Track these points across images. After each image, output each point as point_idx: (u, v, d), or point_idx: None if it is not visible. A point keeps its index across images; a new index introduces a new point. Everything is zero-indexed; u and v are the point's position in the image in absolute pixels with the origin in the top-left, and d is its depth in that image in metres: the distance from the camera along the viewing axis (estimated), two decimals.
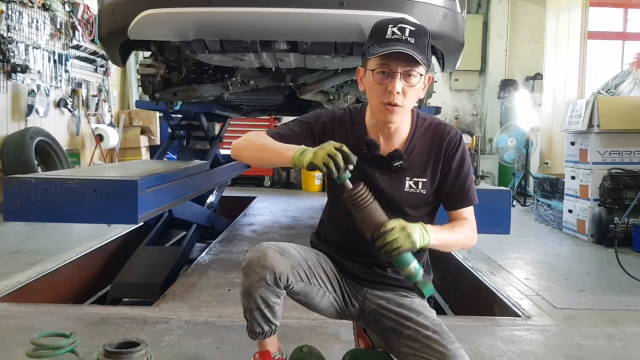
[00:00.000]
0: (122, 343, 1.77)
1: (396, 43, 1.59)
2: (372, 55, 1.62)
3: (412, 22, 1.66)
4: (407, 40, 1.60)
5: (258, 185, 10.20)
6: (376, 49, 1.60)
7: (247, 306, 1.68)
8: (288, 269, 1.65)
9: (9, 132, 6.14)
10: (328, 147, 1.53)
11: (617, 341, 2.67)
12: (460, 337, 1.74)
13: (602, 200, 5.20)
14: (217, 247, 4.54)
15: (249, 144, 1.73)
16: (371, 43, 1.65)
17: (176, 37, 2.88)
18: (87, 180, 2.76)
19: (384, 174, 1.74)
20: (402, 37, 1.60)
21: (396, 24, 1.63)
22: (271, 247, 1.67)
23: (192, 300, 3.04)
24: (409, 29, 1.62)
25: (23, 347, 1.98)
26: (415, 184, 1.75)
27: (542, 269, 4.16)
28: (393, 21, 1.65)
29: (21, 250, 4.14)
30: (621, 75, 6.00)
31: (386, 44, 1.60)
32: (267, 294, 1.64)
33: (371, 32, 1.68)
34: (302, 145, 1.62)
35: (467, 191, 1.78)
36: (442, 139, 1.77)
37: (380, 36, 1.63)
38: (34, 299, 3.19)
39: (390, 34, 1.61)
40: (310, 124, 1.79)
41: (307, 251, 1.78)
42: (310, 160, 1.52)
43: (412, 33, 1.61)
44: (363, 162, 1.71)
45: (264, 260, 1.62)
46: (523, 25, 10.12)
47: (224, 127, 6.09)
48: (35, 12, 6.58)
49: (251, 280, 1.62)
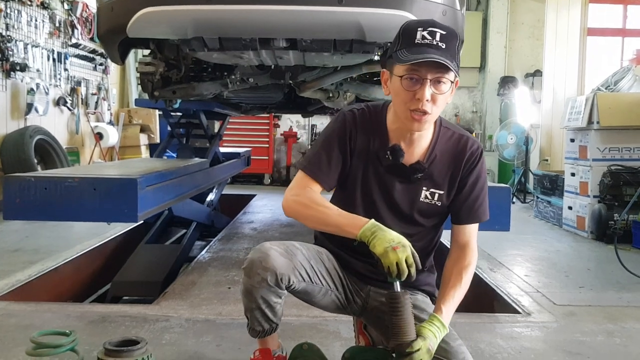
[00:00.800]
0: (122, 341, 1.76)
1: (427, 49, 1.52)
2: (403, 62, 1.53)
3: (442, 25, 1.58)
4: (437, 46, 1.53)
5: (258, 183, 10.20)
6: (406, 54, 1.53)
7: (248, 305, 1.67)
8: (290, 269, 1.62)
9: (8, 131, 6.13)
10: (403, 253, 1.48)
11: (617, 337, 2.67)
12: (460, 334, 1.74)
13: (602, 196, 5.20)
14: (217, 245, 4.55)
15: (306, 214, 1.66)
16: (399, 47, 1.57)
17: (175, 35, 2.87)
18: (87, 178, 2.76)
19: (401, 182, 1.72)
20: (433, 42, 1.53)
21: (426, 27, 1.56)
22: (273, 247, 1.64)
23: (192, 298, 3.04)
24: (439, 32, 1.54)
25: (23, 345, 1.98)
26: (432, 195, 1.73)
27: (542, 266, 4.17)
28: (423, 24, 1.57)
29: (21, 248, 4.14)
30: (621, 71, 5.99)
31: (417, 49, 1.53)
32: (268, 295, 1.62)
33: (398, 34, 1.60)
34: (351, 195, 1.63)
35: (477, 208, 1.77)
36: (463, 152, 1.73)
37: (409, 40, 1.55)
38: (34, 297, 3.20)
39: (420, 38, 1.54)
40: (336, 142, 1.72)
41: (309, 249, 1.75)
42: (380, 253, 1.49)
43: (443, 37, 1.54)
44: (382, 167, 1.70)
45: (265, 262, 1.60)
46: (522, 21, 10.12)
47: (224, 125, 6.09)
48: (34, 11, 6.56)
49: (253, 281, 1.61)
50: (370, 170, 1.72)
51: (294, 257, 1.66)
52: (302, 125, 10.69)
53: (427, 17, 2.65)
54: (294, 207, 1.69)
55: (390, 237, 1.51)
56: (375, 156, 1.69)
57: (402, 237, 1.53)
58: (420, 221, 1.75)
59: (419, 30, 1.54)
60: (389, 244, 1.49)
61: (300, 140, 10.67)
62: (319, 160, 1.72)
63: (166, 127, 6.54)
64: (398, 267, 1.48)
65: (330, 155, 1.71)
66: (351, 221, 1.59)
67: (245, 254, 4.14)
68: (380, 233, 1.52)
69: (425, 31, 1.54)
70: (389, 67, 1.63)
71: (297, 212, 1.68)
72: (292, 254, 1.67)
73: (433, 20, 1.61)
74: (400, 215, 1.72)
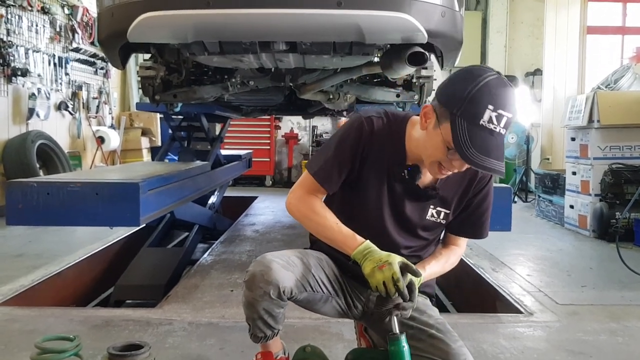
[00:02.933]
0: (125, 345, 1.77)
1: (489, 137, 1.45)
2: (462, 157, 1.47)
3: (512, 105, 1.47)
4: (499, 133, 1.46)
5: (259, 185, 10.21)
6: (466, 139, 1.45)
7: (249, 316, 1.67)
8: (292, 282, 1.61)
9: (10, 136, 6.15)
10: (389, 271, 1.47)
11: (620, 336, 2.67)
12: (462, 335, 1.74)
13: (603, 195, 5.20)
14: (219, 248, 4.55)
15: (307, 223, 1.71)
16: (460, 112, 1.46)
17: (175, 39, 2.88)
18: (89, 183, 2.78)
19: (411, 200, 1.72)
20: (497, 128, 1.45)
21: (497, 108, 1.44)
22: (275, 260, 1.62)
23: (195, 302, 3.05)
24: (506, 117, 1.45)
25: (27, 350, 1.99)
26: (438, 214, 1.74)
27: (544, 265, 4.17)
28: (494, 101, 1.44)
29: (24, 253, 4.15)
30: (621, 70, 6.00)
31: (478, 132, 1.45)
32: (270, 307, 1.62)
33: (467, 95, 1.46)
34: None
35: (479, 226, 1.80)
36: (474, 176, 1.74)
37: (475, 116, 1.45)
38: (38, 302, 3.21)
39: (486, 120, 1.44)
40: (348, 151, 1.69)
41: (309, 257, 1.74)
42: (367, 274, 1.51)
43: (507, 123, 1.46)
44: (396, 183, 1.70)
45: (267, 275, 1.57)
46: (522, 21, 10.11)
47: (225, 127, 6.09)
48: (35, 16, 6.58)
49: (255, 294, 1.59)
50: (384, 182, 1.71)
51: (295, 268, 1.65)
52: (303, 127, 10.69)
53: (426, 18, 2.68)
54: (296, 213, 1.72)
55: (378, 257, 1.52)
56: (390, 170, 1.68)
57: (391, 255, 1.53)
58: (423, 235, 1.78)
59: (489, 110, 1.44)
60: (376, 264, 1.51)
61: (302, 142, 10.68)
62: (330, 168, 1.70)
63: (167, 130, 6.54)
64: (385, 289, 1.48)
65: (342, 163, 1.69)
66: (347, 240, 1.61)
67: (248, 256, 4.17)
68: (370, 255, 1.54)
69: (495, 113, 1.44)
70: (439, 115, 1.53)
71: (299, 218, 1.72)
72: (294, 265, 1.65)
73: (507, 95, 1.47)
74: (406, 229, 1.73)
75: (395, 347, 1.53)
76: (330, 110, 5.18)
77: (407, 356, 1.53)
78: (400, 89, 3.81)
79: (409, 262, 1.53)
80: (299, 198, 1.71)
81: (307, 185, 1.73)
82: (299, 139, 10.62)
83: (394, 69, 3.06)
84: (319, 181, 1.70)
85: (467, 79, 1.48)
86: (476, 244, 4.51)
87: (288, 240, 4.90)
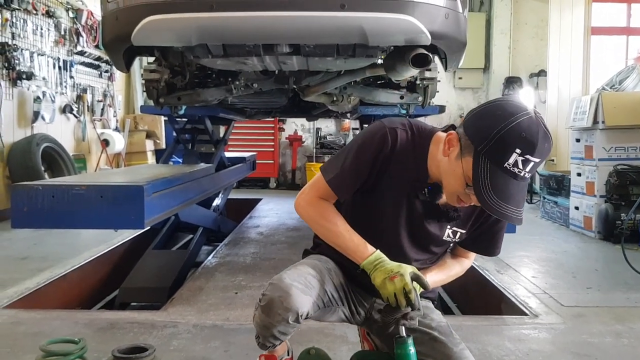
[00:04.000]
0: (130, 348, 1.78)
1: (511, 181, 1.40)
2: (479, 195, 1.42)
3: (542, 150, 1.39)
4: (523, 177, 1.40)
5: (264, 187, 10.22)
6: (488, 182, 1.40)
7: (262, 334, 1.61)
8: (310, 306, 1.57)
9: (15, 139, 6.17)
10: (400, 282, 1.46)
11: (625, 338, 2.66)
12: (467, 337, 1.74)
13: (609, 196, 5.18)
14: (223, 250, 4.56)
15: (316, 227, 1.69)
16: (486, 150, 1.40)
17: (179, 42, 2.89)
18: (94, 186, 2.78)
19: (430, 219, 1.68)
20: (521, 172, 1.39)
21: (524, 152, 1.37)
22: (293, 284, 1.54)
23: (199, 304, 3.06)
24: (532, 163, 1.38)
25: (32, 353, 1.99)
26: (454, 234, 1.72)
27: (549, 267, 4.16)
28: (522, 145, 1.37)
29: (30, 256, 4.16)
30: (625, 70, 5.98)
31: (501, 175, 1.39)
32: (286, 329, 1.57)
33: (496, 134, 1.38)
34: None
35: (493, 244, 1.79)
36: None
37: (501, 158, 1.38)
38: (43, 304, 3.22)
39: (511, 164, 1.38)
40: (367, 162, 1.63)
41: (320, 271, 1.69)
42: (378, 285, 1.49)
43: (533, 168, 1.40)
44: (415, 199, 1.65)
45: (287, 302, 1.51)
46: (526, 22, 10.10)
47: (229, 130, 6.11)
48: (40, 19, 6.61)
49: (272, 320, 1.53)
50: (404, 198, 1.66)
51: (313, 290, 1.60)
52: (307, 129, 10.70)
53: (429, 20, 2.68)
54: (305, 216, 1.69)
55: (389, 267, 1.51)
56: (410, 187, 1.64)
57: (402, 265, 1.51)
58: (435, 251, 1.76)
59: (516, 154, 1.37)
60: (387, 275, 1.49)
61: (306, 144, 10.68)
62: (346, 177, 1.64)
63: (172, 133, 6.57)
64: (395, 300, 1.47)
65: (359, 173, 1.64)
66: (358, 249, 1.58)
67: (252, 258, 4.17)
68: (381, 265, 1.52)
69: (522, 158, 1.38)
70: (463, 147, 1.47)
71: (307, 221, 1.69)
72: (312, 287, 1.60)
73: (538, 139, 1.38)
74: (419, 245, 1.71)
75: (402, 350, 1.52)
76: (334, 112, 5.19)
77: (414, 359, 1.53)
78: (404, 91, 3.82)
79: (420, 274, 1.51)
80: (309, 201, 1.68)
81: (320, 189, 1.68)
82: (303, 141, 10.62)
83: (397, 71, 3.07)
84: (333, 189, 1.66)
85: (499, 117, 1.40)
86: None
87: (292, 242, 4.90)
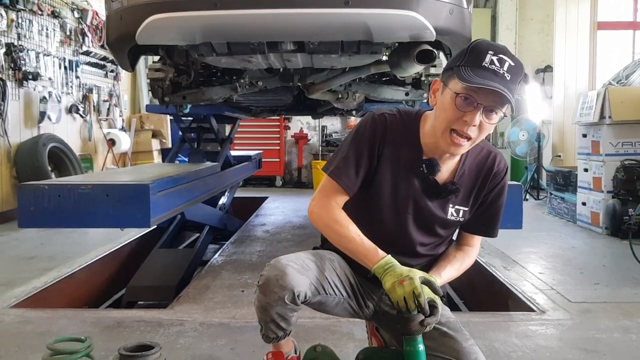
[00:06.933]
0: (137, 346, 1.78)
1: (492, 76, 1.47)
2: (464, 81, 1.47)
3: (513, 56, 1.52)
4: (503, 75, 1.48)
5: (270, 186, 10.23)
6: (470, 74, 1.47)
7: (262, 319, 1.65)
8: (306, 287, 1.60)
9: (22, 139, 6.20)
10: (409, 286, 1.45)
11: (634, 334, 2.65)
12: (474, 333, 1.74)
13: (616, 192, 5.16)
14: (230, 248, 4.56)
15: (327, 232, 1.69)
16: (463, 62, 1.51)
17: (184, 41, 2.89)
18: (100, 185, 2.79)
19: (431, 197, 1.69)
20: (500, 70, 1.48)
21: (497, 53, 1.50)
22: (289, 264, 1.59)
23: (206, 302, 3.06)
24: (508, 63, 1.49)
25: (40, 352, 2.00)
26: (457, 212, 1.72)
27: (557, 263, 4.14)
28: (494, 48, 1.51)
29: (37, 256, 4.18)
30: (632, 65, 5.94)
31: (482, 72, 1.47)
32: (284, 311, 1.60)
33: (467, 49, 1.53)
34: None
35: (493, 223, 1.78)
36: (490, 170, 1.72)
37: (477, 60, 1.50)
38: (51, 304, 3.23)
39: (488, 62, 1.48)
40: (364, 148, 1.66)
41: (323, 259, 1.71)
42: (388, 289, 1.48)
43: (510, 69, 1.49)
44: (414, 178, 1.66)
45: (282, 280, 1.55)
46: (532, 17, 10.06)
47: (234, 128, 6.11)
48: (45, 20, 6.63)
49: (269, 299, 1.57)
50: (403, 179, 1.68)
51: (310, 272, 1.63)
52: (313, 127, 10.69)
53: (434, 16, 2.67)
54: (318, 222, 1.69)
55: (399, 271, 1.50)
56: (407, 168, 1.65)
57: (412, 270, 1.51)
58: (441, 233, 1.75)
59: (490, 54, 1.49)
60: (397, 278, 1.48)
61: (311, 142, 10.68)
62: (347, 167, 1.66)
63: (177, 131, 6.58)
64: (405, 305, 1.46)
65: (359, 162, 1.66)
66: (369, 253, 1.58)
67: (259, 256, 4.17)
68: (391, 270, 1.51)
69: (496, 57, 1.49)
70: (445, 79, 1.56)
71: (320, 227, 1.70)
72: (308, 268, 1.63)
73: (506, 48, 1.54)
74: (425, 227, 1.71)
75: (411, 347, 1.51)
76: (340, 110, 5.18)
77: (423, 357, 1.51)
78: (409, 88, 3.81)
79: (430, 279, 1.50)
80: (320, 206, 1.68)
81: (326, 189, 1.69)
82: (308, 139, 10.62)
83: (402, 68, 3.06)
84: (337, 181, 1.66)
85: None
86: (488, 242, 4.48)
87: (298, 240, 4.90)
